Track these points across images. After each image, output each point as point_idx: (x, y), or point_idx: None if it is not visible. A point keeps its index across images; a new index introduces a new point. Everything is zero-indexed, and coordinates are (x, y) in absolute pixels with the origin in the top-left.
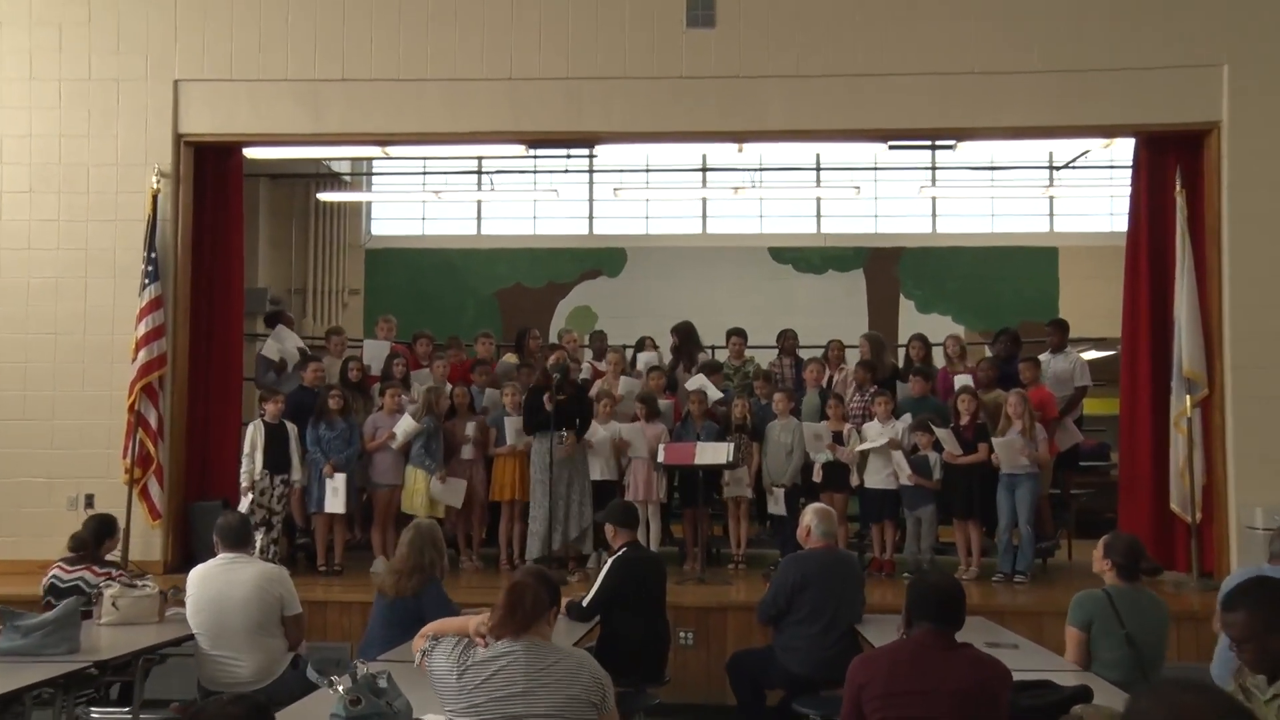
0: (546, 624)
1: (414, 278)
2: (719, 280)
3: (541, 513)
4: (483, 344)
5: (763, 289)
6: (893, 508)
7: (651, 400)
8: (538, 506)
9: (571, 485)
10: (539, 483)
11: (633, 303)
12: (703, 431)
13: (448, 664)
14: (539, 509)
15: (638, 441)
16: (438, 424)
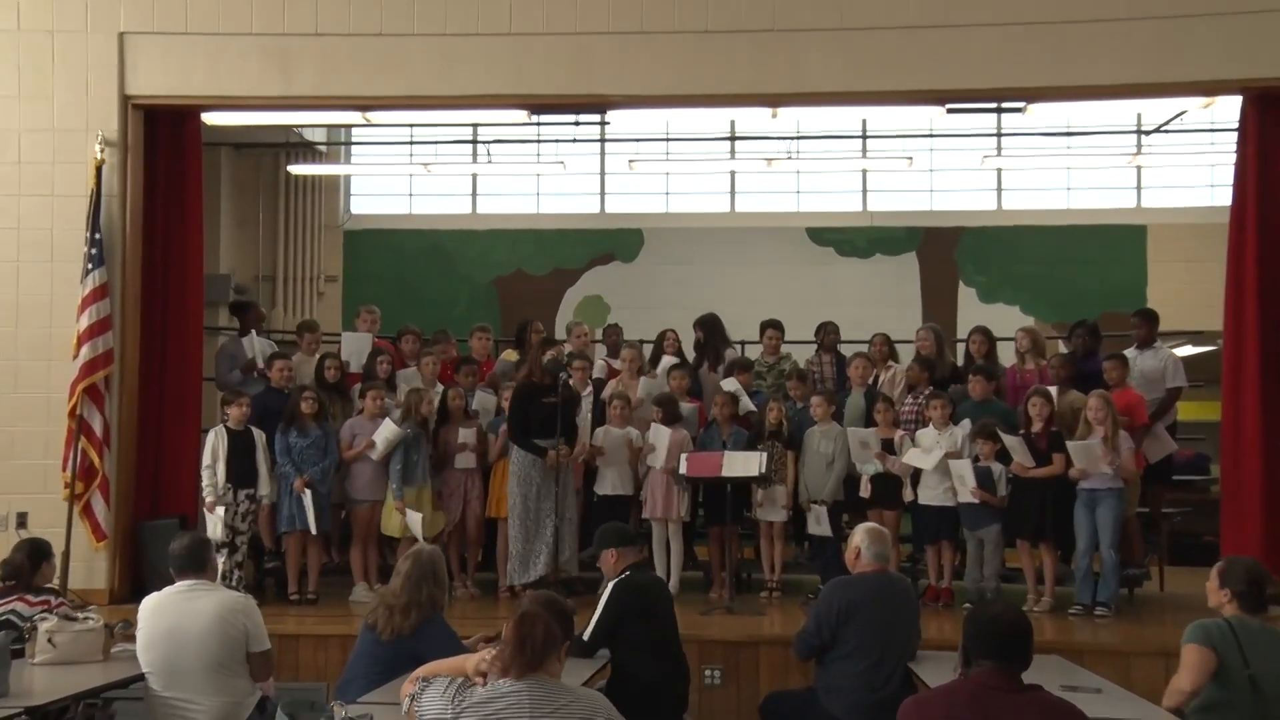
0: (557, 660)
1: (400, 264)
2: (749, 266)
3: (519, 533)
4: (478, 339)
5: (800, 276)
6: (951, 527)
7: (671, 403)
8: (517, 525)
9: (561, 500)
10: (519, 497)
11: (651, 292)
12: (730, 439)
13: (441, 704)
14: (517, 529)
15: (660, 444)
16: (420, 431)
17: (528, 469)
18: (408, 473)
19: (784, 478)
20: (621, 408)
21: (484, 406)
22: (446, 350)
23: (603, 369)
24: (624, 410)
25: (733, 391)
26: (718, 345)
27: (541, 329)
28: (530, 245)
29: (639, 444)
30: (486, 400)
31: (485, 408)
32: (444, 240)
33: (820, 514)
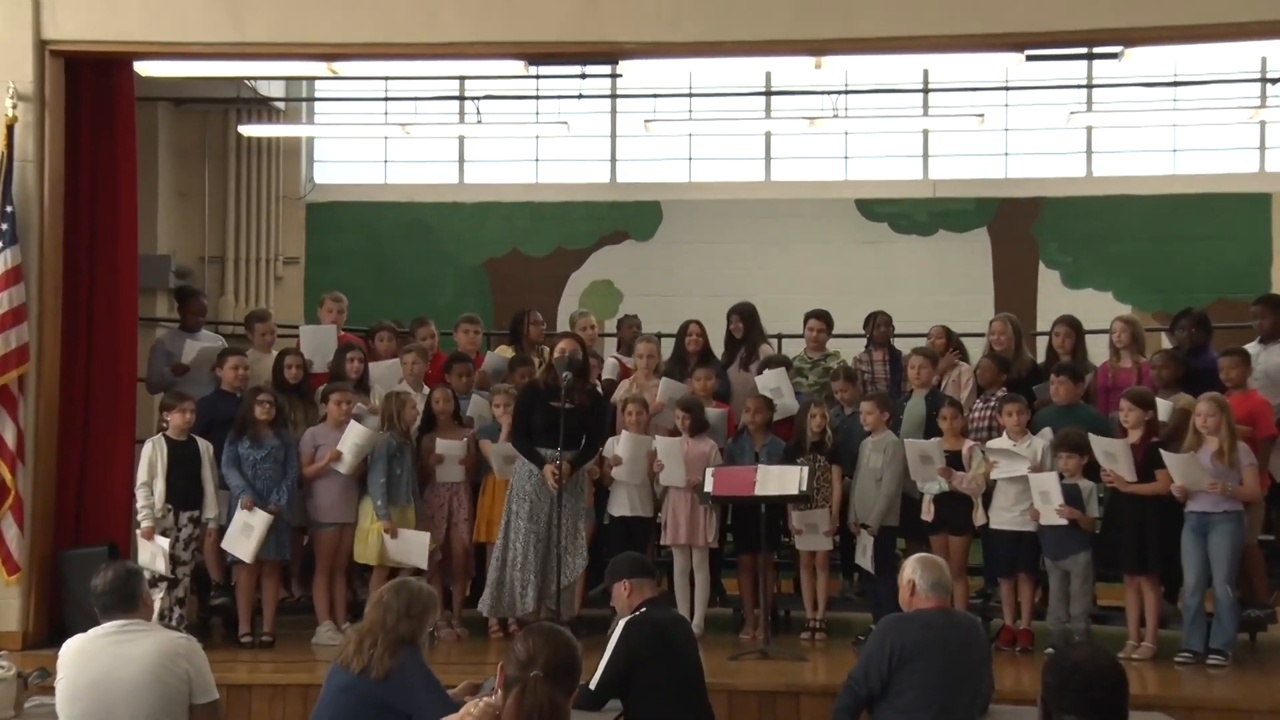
0: None
1: (372, 243)
2: (788, 246)
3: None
4: (465, 332)
5: (848, 257)
6: (1031, 557)
7: (697, 408)
8: (507, 550)
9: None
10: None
11: (671, 276)
12: (765, 451)
13: None
14: (506, 555)
15: (673, 461)
16: (404, 443)
17: (523, 482)
18: (392, 489)
19: (829, 497)
20: (638, 413)
21: (479, 413)
22: (431, 343)
23: (614, 368)
24: (641, 416)
25: (777, 385)
26: (756, 340)
27: (541, 320)
28: (527, 221)
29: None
30: (483, 405)
31: (481, 414)
32: (425, 215)
33: (870, 542)
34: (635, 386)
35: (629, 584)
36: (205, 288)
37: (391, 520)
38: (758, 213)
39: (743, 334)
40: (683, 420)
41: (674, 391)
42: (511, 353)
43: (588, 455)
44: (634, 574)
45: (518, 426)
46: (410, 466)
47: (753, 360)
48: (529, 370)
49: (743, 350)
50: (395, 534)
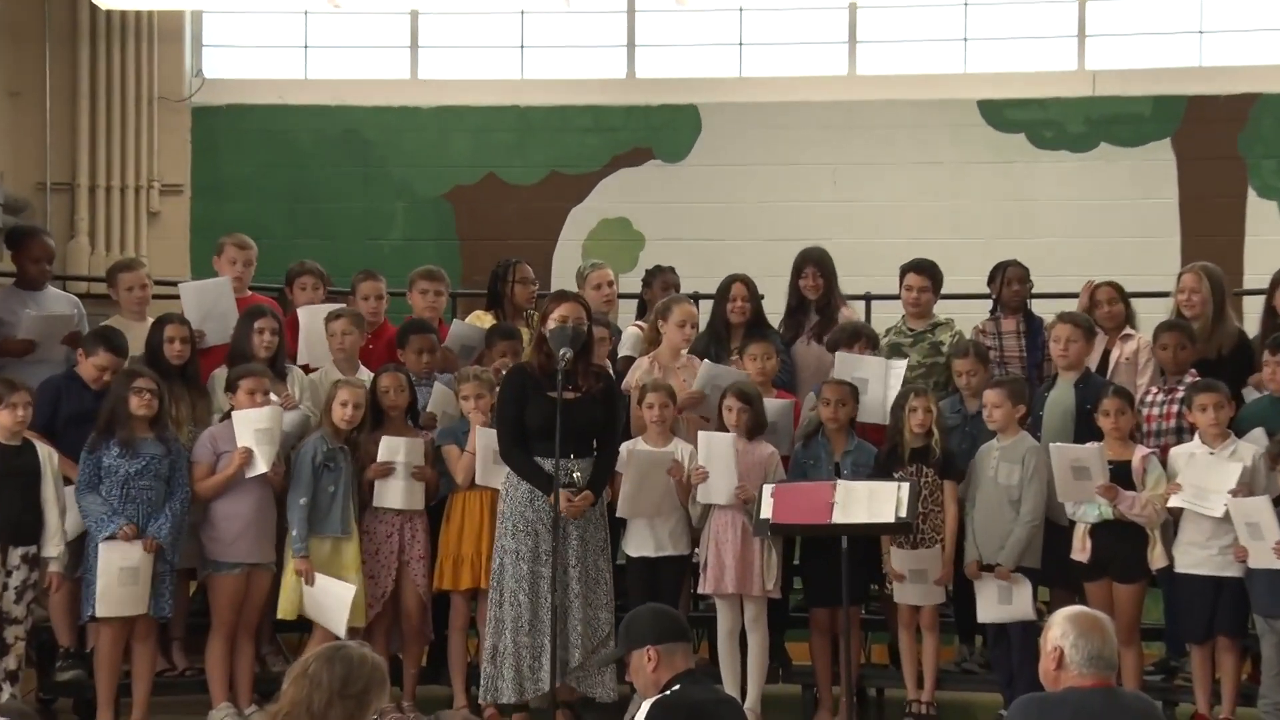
0: None
1: (288, 164)
2: (878, 169)
3: (512, 622)
4: (423, 293)
5: (966, 184)
6: (1234, 614)
7: (756, 399)
8: (504, 605)
9: (577, 567)
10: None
11: (712, 213)
12: (849, 461)
13: None
14: (504, 613)
15: (720, 466)
16: (341, 449)
17: (521, 507)
18: (321, 514)
19: (940, 528)
20: (662, 407)
21: (442, 407)
22: (374, 311)
23: (635, 341)
24: (666, 411)
25: (871, 375)
26: (834, 303)
27: (531, 276)
28: (509, 133)
29: (690, 470)
30: (448, 397)
31: (445, 408)
32: (363, 124)
33: (1000, 589)
34: (656, 368)
35: (654, 652)
36: (49, 227)
37: (309, 559)
38: (836, 121)
39: (817, 294)
40: (736, 415)
41: (719, 377)
42: (489, 321)
43: (606, 467)
44: (661, 637)
45: (507, 428)
46: (350, 482)
47: (826, 330)
48: (512, 346)
49: (816, 318)
50: (311, 579)
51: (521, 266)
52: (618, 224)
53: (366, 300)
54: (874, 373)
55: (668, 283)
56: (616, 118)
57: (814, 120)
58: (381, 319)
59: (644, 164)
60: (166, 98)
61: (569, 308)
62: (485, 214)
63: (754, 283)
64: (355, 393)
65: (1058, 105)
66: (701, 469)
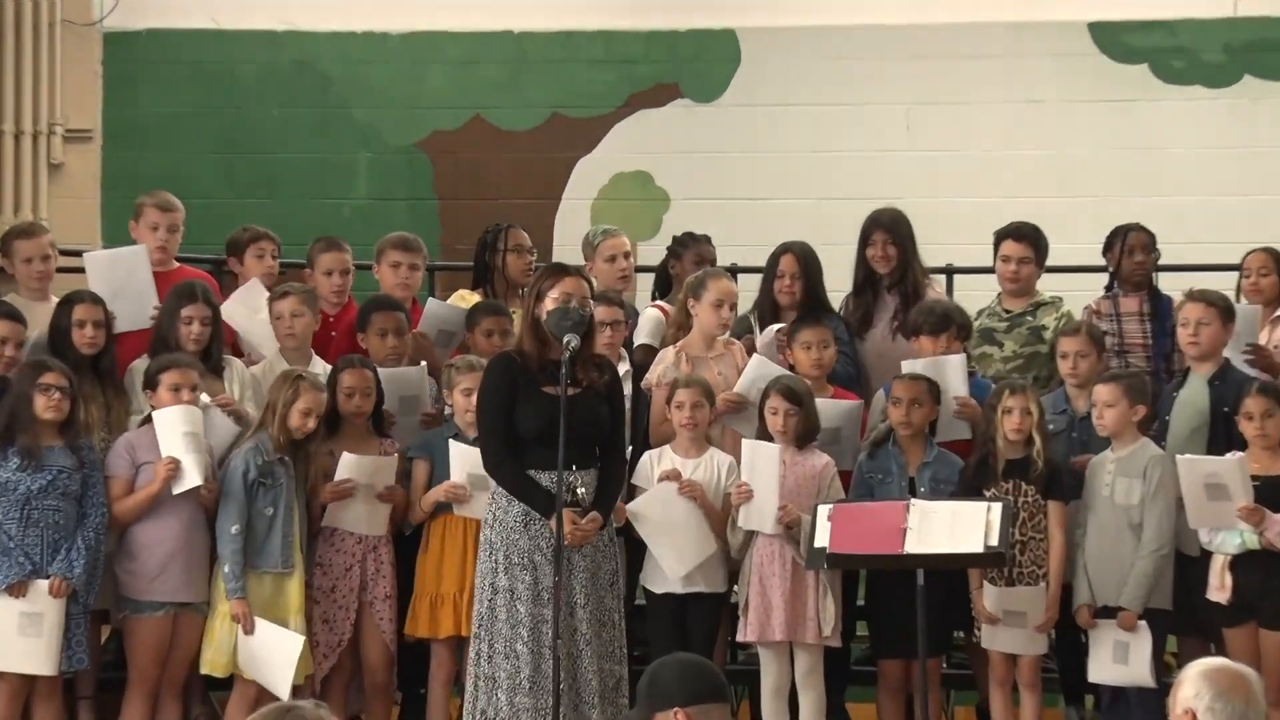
0: None
1: (223, 104)
2: (964, 109)
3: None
4: (394, 266)
5: (1077, 127)
6: None
7: (801, 398)
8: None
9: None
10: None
11: (754, 167)
12: (927, 476)
13: None
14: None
15: (766, 484)
16: (279, 459)
17: (514, 534)
18: (257, 542)
19: (1041, 559)
20: (695, 407)
21: (411, 404)
22: (332, 285)
23: (655, 326)
24: (700, 413)
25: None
26: (911, 278)
27: (527, 244)
28: (500, 66)
29: (729, 487)
30: (411, 390)
31: (418, 404)
32: (317, 54)
33: (1121, 642)
34: (684, 360)
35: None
36: None
37: (247, 600)
38: (910, 49)
39: (889, 267)
40: (782, 419)
41: (762, 374)
42: (474, 300)
43: (614, 479)
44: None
45: (494, 433)
46: (293, 502)
47: (904, 311)
48: (499, 323)
49: (891, 299)
50: (250, 626)
51: (515, 232)
52: (636, 180)
53: (329, 276)
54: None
55: (701, 255)
56: (634, 46)
57: (883, 48)
58: (347, 298)
59: (668, 104)
60: (71, 20)
61: (571, 284)
62: (471, 167)
63: (811, 253)
64: (318, 398)
65: (1190, 29)
66: (744, 486)
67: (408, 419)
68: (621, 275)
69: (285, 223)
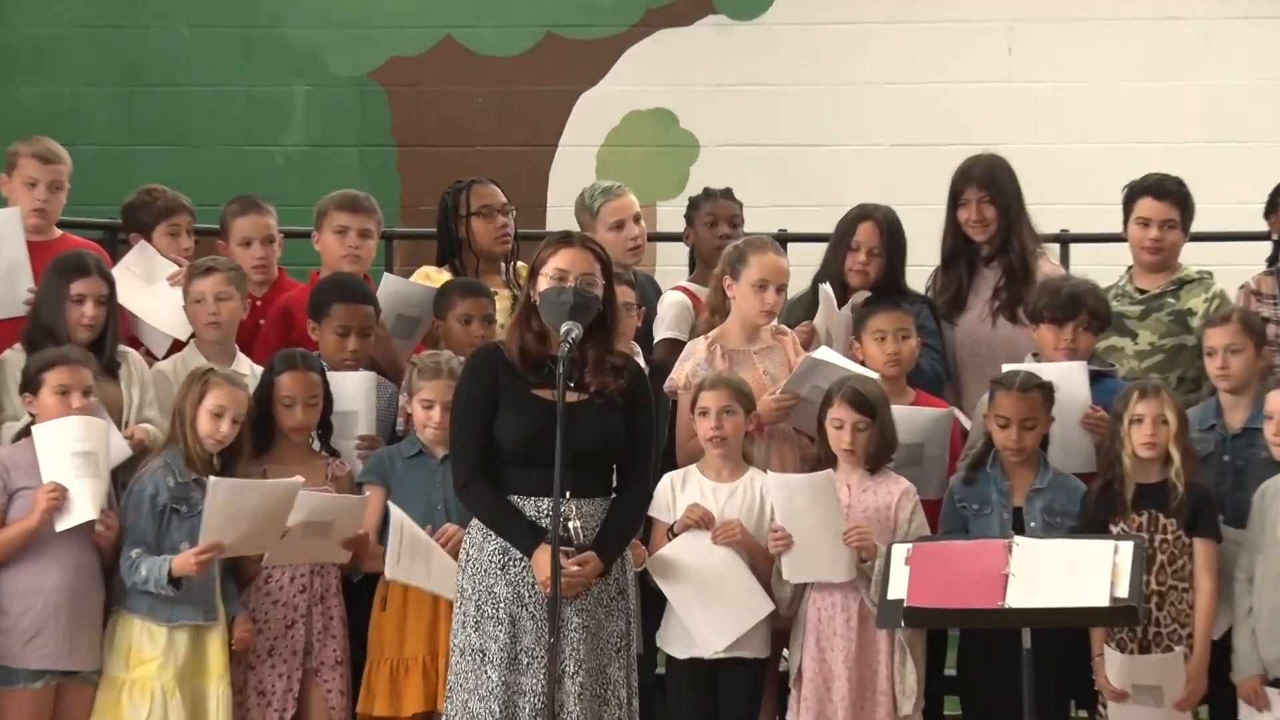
0: None
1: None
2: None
3: None
4: (338, 230)
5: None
6: None
7: (873, 406)
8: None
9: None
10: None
11: (807, 104)
12: (1038, 505)
13: None
14: None
15: (813, 539)
16: (195, 479)
17: (488, 578)
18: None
19: (1185, 614)
20: (723, 414)
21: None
22: (260, 258)
23: (682, 314)
24: (733, 422)
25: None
26: (1016, 243)
27: (500, 202)
28: None
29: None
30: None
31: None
32: None
33: None
34: (719, 356)
35: None
36: None
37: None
38: None
39: (988, 234)
40: (850, 434)
41: (821, 375)
42: (442, 277)
43: (628, 515)
44: None
45: (468, 445)
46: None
47: (1013, 293)
48: (479, 305)
49: (990, 273)
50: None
51: (480, 189)
52: (655, 121)
53: (248, 246)
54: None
55: (716, 214)
56: None
57: None
58: (274, 275)
59: (697, 22)
60: None
61: (568, 257)
62: (439, 105)
63: (896, 222)
64: (234, 396)
65: None
66: (781, 532)
67: (343, 440)
68: (632, 246)
69: (199, 176)
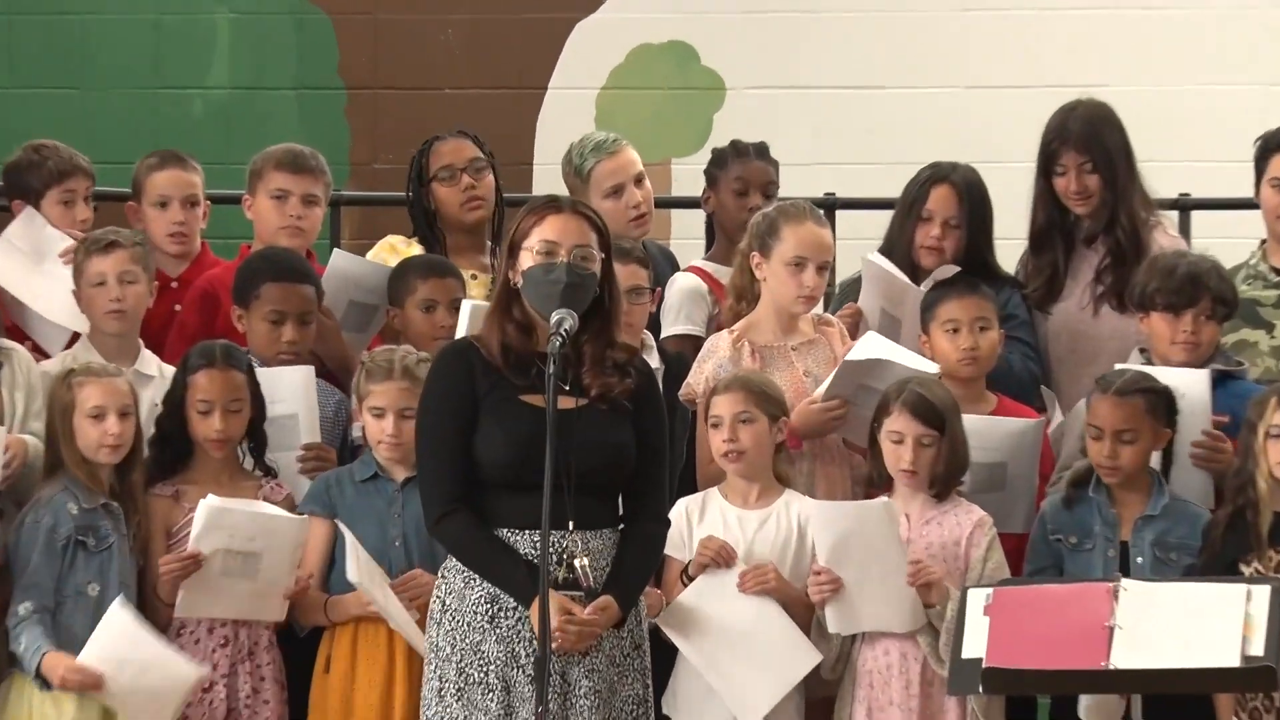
0: None
1: None
2: None
3: None
4: (276, 194)
5: None
6: None
7: (941, 415)
8: None
9: None
10: None
11: (860, 32)
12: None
13: None
14: None
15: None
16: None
17: (473, 632)
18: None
19: None
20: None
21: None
22: (179, 224)
23: (696, 300)
24: (747, 433)
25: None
26: (1125, 211)
27: (467, 156)
28: None
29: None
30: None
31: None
32: None
33: None
34: (747, 353)
35: None
36: None
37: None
38: None
39: (1089, 203)
40: (912, 451)
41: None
42: (405, 252)
43: (642, 552)
44: None
45: (438, 465)
46: (130, 574)
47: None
48: (445, 288)
49: (1092, 253)
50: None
51: (441, 146)
52: (670, 56)
53: (164, 209)
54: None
55: (747, 177)
56: None
57: None
58: (195, 248)
59: None
60: None
61: (560, 226)
62: (399, 37)
63: (979, 185)
64: (111, 388)
65: None
66: (825, 575)
67: (281, 452)
68: (635, 216)
69: (99, 129)
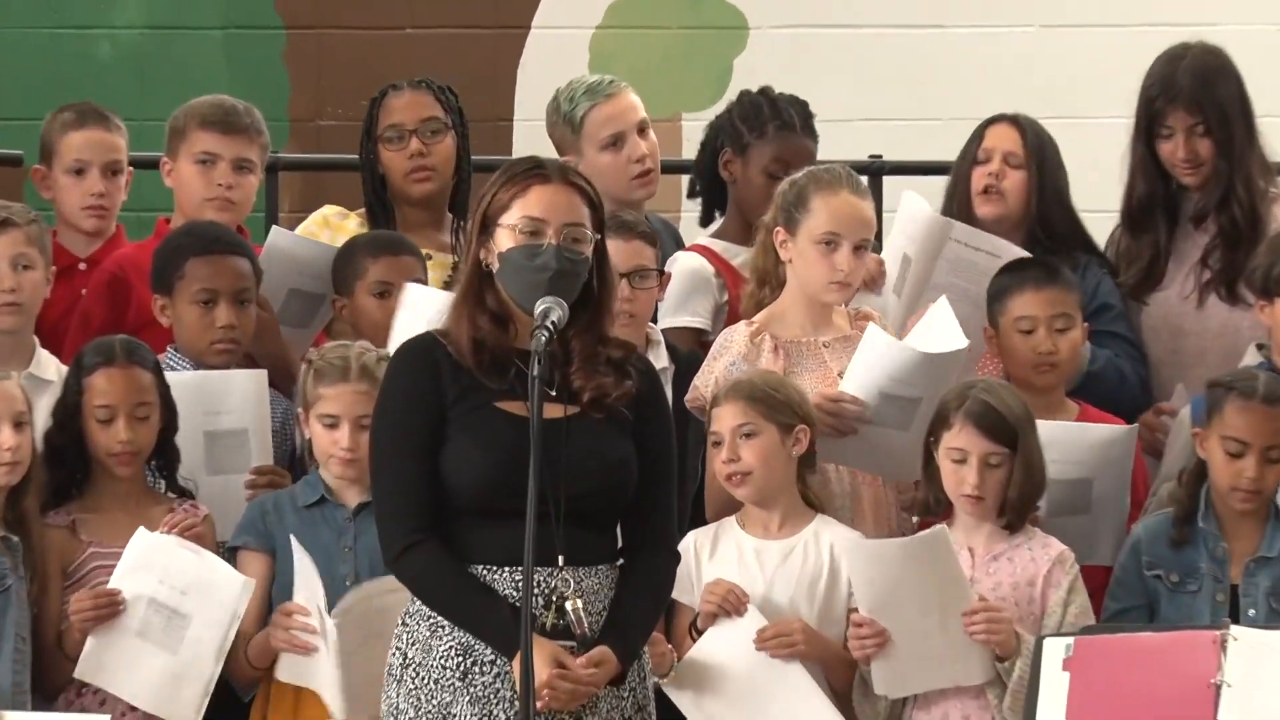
0: None
1: None
2: None
3: None
4: (202, 158)
5: None
6: None
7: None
8: None
9: None
10: None
11: None
12: (1259, 580)
13: None
14: None
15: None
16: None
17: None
18: None
19: None
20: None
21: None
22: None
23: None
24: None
25: None
26: (1241, 182)
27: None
28: None
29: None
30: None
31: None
32: None
33: None
34: (768, 348)
35: None
36: None
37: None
38: None
39: (1202, 174)
40: (977, 473)
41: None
42: (341, 226)
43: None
44: None
45: (395, 488)
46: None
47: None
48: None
49: (1200, 234)
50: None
51: (394, 99)
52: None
53: (80, 175)
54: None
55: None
56: None
57: None
58: (112, 227)
59: None
60: None
61: (547, 199)
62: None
63: (1043, 131)
64: (10, 404)
65: None
66: (868, 628)
67: (223, 475)
68: (640, 173)
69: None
